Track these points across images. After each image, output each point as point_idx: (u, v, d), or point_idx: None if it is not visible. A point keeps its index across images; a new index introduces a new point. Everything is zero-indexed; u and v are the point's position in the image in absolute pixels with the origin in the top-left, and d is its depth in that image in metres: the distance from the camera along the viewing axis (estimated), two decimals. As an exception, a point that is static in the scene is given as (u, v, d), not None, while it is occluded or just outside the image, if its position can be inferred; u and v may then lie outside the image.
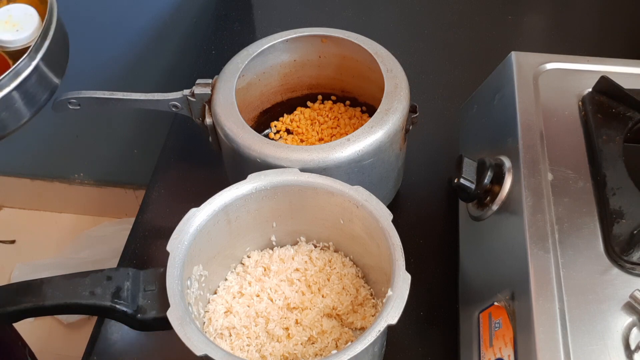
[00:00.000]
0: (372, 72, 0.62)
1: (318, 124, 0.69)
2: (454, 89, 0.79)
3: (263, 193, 0.53)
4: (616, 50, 0.83)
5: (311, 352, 0.51)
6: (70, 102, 0.61)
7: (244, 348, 0.51)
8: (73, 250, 1.45)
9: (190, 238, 0.49)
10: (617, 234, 0.47)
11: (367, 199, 0.51)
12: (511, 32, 0.88)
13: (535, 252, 0.46)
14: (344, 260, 0.57)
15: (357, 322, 0.53)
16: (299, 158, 0.55)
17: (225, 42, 0.87)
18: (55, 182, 1.47)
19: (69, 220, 1.54)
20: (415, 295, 0.47)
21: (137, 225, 0.68)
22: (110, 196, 1.47)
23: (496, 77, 0.62)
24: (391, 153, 0.59)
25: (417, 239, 0.65)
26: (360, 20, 0.89)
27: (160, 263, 0.48)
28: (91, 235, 1.47)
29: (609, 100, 0.55)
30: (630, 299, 0.44)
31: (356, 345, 0.42)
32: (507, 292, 0.48)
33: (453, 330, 0.57)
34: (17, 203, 1.56)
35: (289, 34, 0.64)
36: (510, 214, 0.51)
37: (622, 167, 0.50)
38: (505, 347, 0.45)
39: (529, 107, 0.56)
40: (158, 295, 0.48)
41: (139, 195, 1.45)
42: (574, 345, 0.42)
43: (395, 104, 0.58)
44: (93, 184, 1.47)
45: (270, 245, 0.58)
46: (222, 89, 0.60)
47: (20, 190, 1.50)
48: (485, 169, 0.54)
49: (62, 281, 0.48)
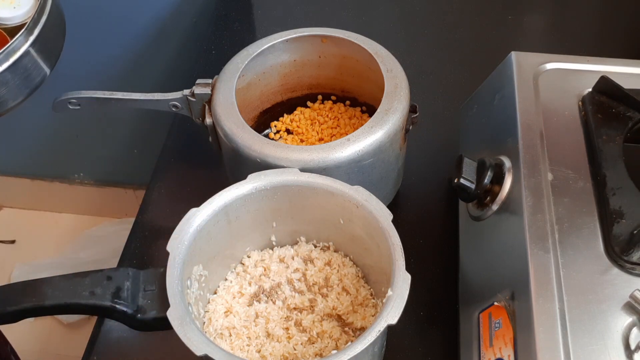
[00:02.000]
0: (372, 72, 0.62)
1: (318, 124, 0.69)
2: (454, 89, 0.79)
3: (263, 193, 0.53)
4: (616, 50, 0.83)
5: (311, 352, 0.51)
6: (70, 102, 0.61)
7: (244, 348, 0.51)
8: (73, 250, 1.45)
9: (190, 238, 0.49)
10: (617, 234, 0.47)
11: (367, 199, 0.51)
12: (511, 32, 0.88)
13: (535, 252, 0.46)
14: (344, 260, 0.57)
15: (357, 322, 0.53)
16: (299, 158, 0.55)
17: (225, 42, 0.87)
18: (55, 182, 1.47)
19: (69, 220, 1.54)
20: (415, 295, 0.46)
21: (137, 225, 0.68)
22: (110, 196, 1.47)
23: (496, 77, 0.62)
24: (391, 153, 0.59)
25: (417, 239, 0.65)
26: (360, 20, 0.89)
27: (160, 263, 0.48)
28: (91, 235, 1.47)
29: (609, 100, 0.55)
30: (630, 299, 0.44)
31: (356, 345, 0.42)
32: (507, 292, 0.48)
33: (453, 330, 0.57)
34: (17, 203, 1.56)
35: (289, 34, 0.64)
36: (510, 214, 0.51)
37: (622, 167, 0.50)
38: (505, 347, 0.45)
39: (529, 107, 0.56)
40: (158, 295, 0.48)
41: (139, 195, 1.45)
42: (574, 345, 0.42)
43: (395, 104, 0.58)
44: (93, 184, 1.47)
45: (270, 245, 0.58)
46: (222, 89, 0.60)
47: (20, 190, 1.50)
48: (485, 169, 0.54)
49: (62, 281, 0.48)
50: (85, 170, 1.44)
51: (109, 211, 1.50)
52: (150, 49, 1.12)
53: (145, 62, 1.14)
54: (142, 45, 1.12)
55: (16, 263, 1.43)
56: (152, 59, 1.14)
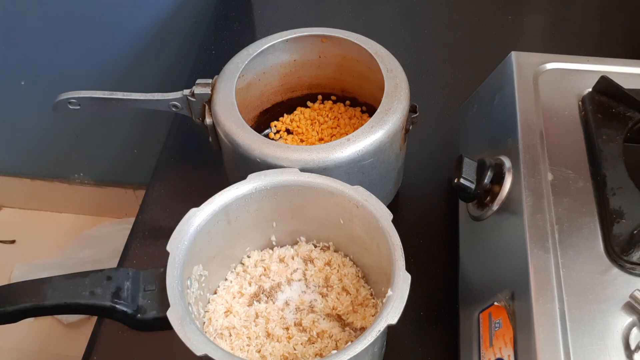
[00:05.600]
0: (372, 72, 0.62)
1: (318, 124, 0.69)
2: (454, 89, 0.79)
3: (263, 193, 0.53)
4: (616, 50, 0.83)
5: (311, 352, 0.51)
6: (70, 102, 0.61)
7: (244, 348, 0.51)
8: (73, 250, 1.45)
9: (190, 238, 0.49)
10: (617, 234, 0.47)
11: (367, 199, 0.51)
12: (511, 32, 0.88)
13: (535, 252, 0.46)
14: (344, 260, 0.57)
15: (357, 322, 0.53)
16: (299, 158, 0.55)
17: (225, 42, 0.87)
18: (55, 182, 1.48)
19: (69, 220, 1.54)
20: (415, 295, 0.46)
21: (137, 225, 0.68)
22: (110, 196, 1.47)
23: (496, 77, 0.62)
24: (391, 153, 0.59)
25: (417, 239, 0.65)
26: (360, 20, 0.89)
27: (160, 263, 0.48)
28: (91, 235, 1.47)
29: (609, 100, 0.55)
30: (630, 299, 0.44)
31: (356, 345, 0.42)
32: (507, 292, 0.48)
33: (453, 330, 0.57)
34: (17, 203, 1.56)
35: (289, 34, 0.64)
36: (510, 214, 0.51)
37: (622, 167, 0.50)
38: (505, 347, 0.45)
39: (529, 107, 0.56)
40: (158, 295, 0.47)
41: (139, 195, 1.45)
42: (574, 345, 0.42)
43: (395, 104, 0.58)
44: (93, 184, 1.47)
45: (270, 245, 0.58)
46: (222, 89, 0.60)
47: (20, 190, 1.51)
48: (485, 169, 0.54)
49: (62, 281, 0.48)
50: (85, 170, 1.44)
51: (109, 211, 1.51)
52: (150, 49, 1.12)
53: (145, 62, 1.14)
54: (142, 45, 1.12)
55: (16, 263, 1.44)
56: (152, 59, 1.14)
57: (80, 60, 1.16)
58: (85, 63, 1.16)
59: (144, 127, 1.28)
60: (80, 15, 1.08)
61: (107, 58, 1.15)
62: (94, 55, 1.14)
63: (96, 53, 1.14)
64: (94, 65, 1.16)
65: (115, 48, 1.13)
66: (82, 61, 1.16)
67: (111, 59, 1.15)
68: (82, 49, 1.14)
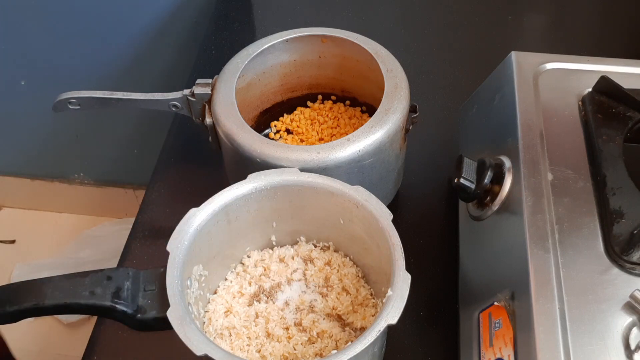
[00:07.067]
0: (372, 72, 0.62)
1: (318, 123, 0.69)
2: (454, 89, 0.79)
3: (263, 193, 0.53)
4: (616, 50, 0.83)
5: (311, 352, 0.51)
6: (70, 102, 0.61)
7: (244, 348, 0.51)
8: (73, 250, 1.45)
9: (190, 238, 0.49)
10: (617, 234, 0.47)
11: (367, 199, 0.51)
12: (511, 32, 0.88)
13: (535, 252, 0.46)
14: (344, 260, 0.57)
15: (357, 322, 0.53)
16: (299, 158, 0.55)
17: (225, 42, 0.87)
18: (55, 182, 1.48)
19: (69, 220, 1.54)
20: (415, 295, 0.46)
21: (137, 225, 0.68)
22: (110, 196, 1.48)
23: (496, 77, 0.62)
24: (391, 153, 0.59)
25: (417, 239, 0.65)
26: (360, 20, 0.89)
27: (160, 263, 0.48)
28: (91, 235, 1.47)
29: (609, 100, 0.55)
30: (630, 299, 0.44)
31: (356, 345, 0.42)
32: (507, 292, 0.48)
33: (453, 330, 0.57)
34: (17, 203, 1.56)
35: (289, 34, 0.64)
36: (510, 214, 0.51)
37: (622, 167, 0.50)
38: (505, 347, 0.45)
39: (529, 107, 0.56)
40: (158, 295, 0.47)
41: (139, 195, 1.46)
42: (574, 345, 0.42)
43: (395, 104, 0.58)
44: (93, 184, 1.47)
45: (270, 245, 0.58)
46: (222, 89, 0.60)
47: (20, 190, 1.51)
48: (485, 169, 0.54)
49: (62, 281, 0.48)
50: (85, 170, 1.44)
51: (109, 211, 1.51)
52: (150, 49, 1.12)
53: (145, 62, 1.15)
54: (142, 45, 1.12)
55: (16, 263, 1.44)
56: (152, 59, 1.14)
57: (80, 60, 1.16)
58: (85, 63, 1.16)
59: (144, 127, 1.28)
60: (80, 15, 1.08)
61: (107, 58, 1.15)
62: (94, 55, 1.14)
63: (96, 53, 1.14)
64: (94, 65, 1.16)
65: (115, 48, 1.13)
66: (82, 61, 1.16)
67: (111, 59, 1.15)
68: (82, 49, 1.14)
